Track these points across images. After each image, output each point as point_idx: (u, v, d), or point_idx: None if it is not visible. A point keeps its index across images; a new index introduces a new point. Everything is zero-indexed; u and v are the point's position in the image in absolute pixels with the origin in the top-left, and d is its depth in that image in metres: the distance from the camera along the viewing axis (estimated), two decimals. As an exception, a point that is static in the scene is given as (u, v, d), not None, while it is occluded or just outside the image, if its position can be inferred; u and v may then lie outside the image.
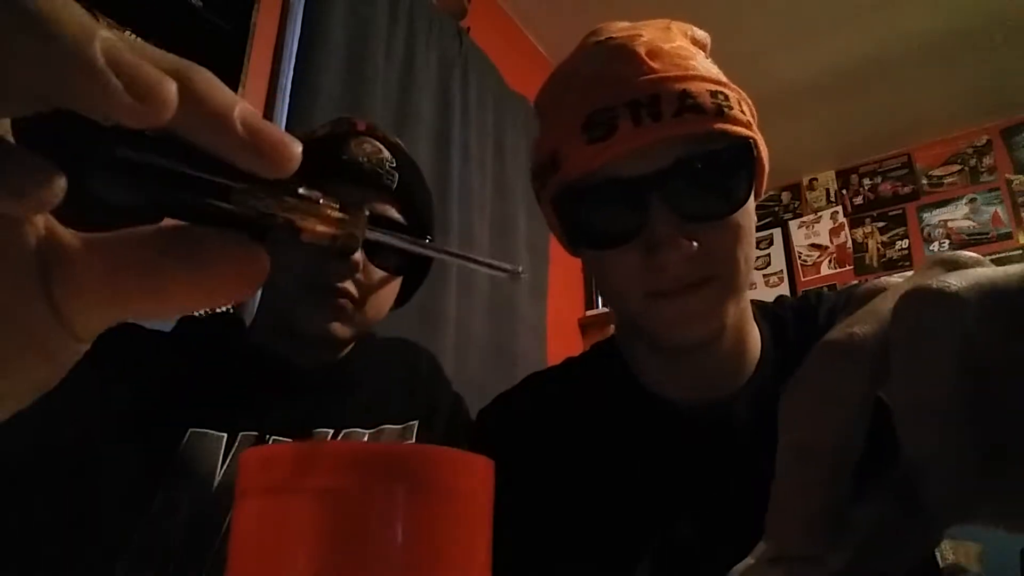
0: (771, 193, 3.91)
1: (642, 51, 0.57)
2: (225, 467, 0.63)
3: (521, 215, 2.53)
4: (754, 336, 0.66)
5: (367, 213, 0.24)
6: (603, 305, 2.96)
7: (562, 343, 2.69)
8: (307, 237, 0.23)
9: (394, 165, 0.70)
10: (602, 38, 0.61)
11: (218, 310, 1.51)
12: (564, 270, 2.85)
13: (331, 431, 0.70)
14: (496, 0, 2.80)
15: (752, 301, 0.69)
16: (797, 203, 3.78)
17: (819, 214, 3.66)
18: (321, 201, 0.23)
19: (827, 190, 3.69)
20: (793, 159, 3.62)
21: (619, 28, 0.62)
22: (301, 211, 0.22)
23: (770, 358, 0.65)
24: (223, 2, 1.49)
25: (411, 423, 0.77)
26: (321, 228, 0.23)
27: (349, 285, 0.67)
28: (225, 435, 0.64)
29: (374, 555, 0.17)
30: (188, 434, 0.62)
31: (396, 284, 0.74)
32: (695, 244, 0.54)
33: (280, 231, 0.23)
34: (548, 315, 2.57)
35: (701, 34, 0.66)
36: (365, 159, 0.68)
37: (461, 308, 2.10)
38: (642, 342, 0.65)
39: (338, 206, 0.23)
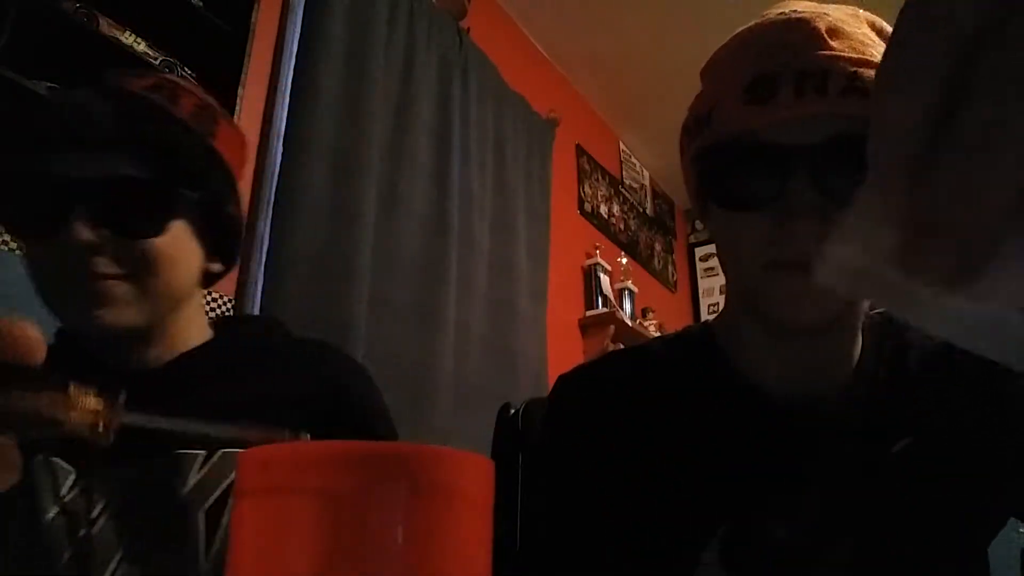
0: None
1: (822, 27, 0.58)
2: (67, 498, 0.58)
3: (521, 215, 2.53)
4: (859, 340, 0.66)
5: (122, 399, 0.26)
6: (605, 306, 2.96)
7: (562, 343, 2.69)
8: (68, 429, 0.25)
9: (109, 112, 0.61)
10: (785, 10, 0.61)
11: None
12: (564, 270, 2.85)
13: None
14: (496, 0, 2.80)
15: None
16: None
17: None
18: (71, 391, 0.25)
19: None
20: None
21: (805, 5, 0.62)
22: (58, 405, 0.24)
23: (869, 366, 0.65)
24: (223, 2, 1.49)
25: None
26: (76, 418, 0.25)
27: (103, 265, 0.58)
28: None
29: (374, 554, 0.17)
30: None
31: (185, 247, 0.65)
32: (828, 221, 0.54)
33: (39, 426, 0.24)
34: (548, 315, 2.57)
35: (890, 29, 0.66)
36: (72, 117, 0.60)
37: (461, 308, 2.10)
38: (750, 320, 0.65)
39: (93, 394, 0.25)
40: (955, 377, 0.62)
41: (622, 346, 2.82)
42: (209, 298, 1.54)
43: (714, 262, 4.04)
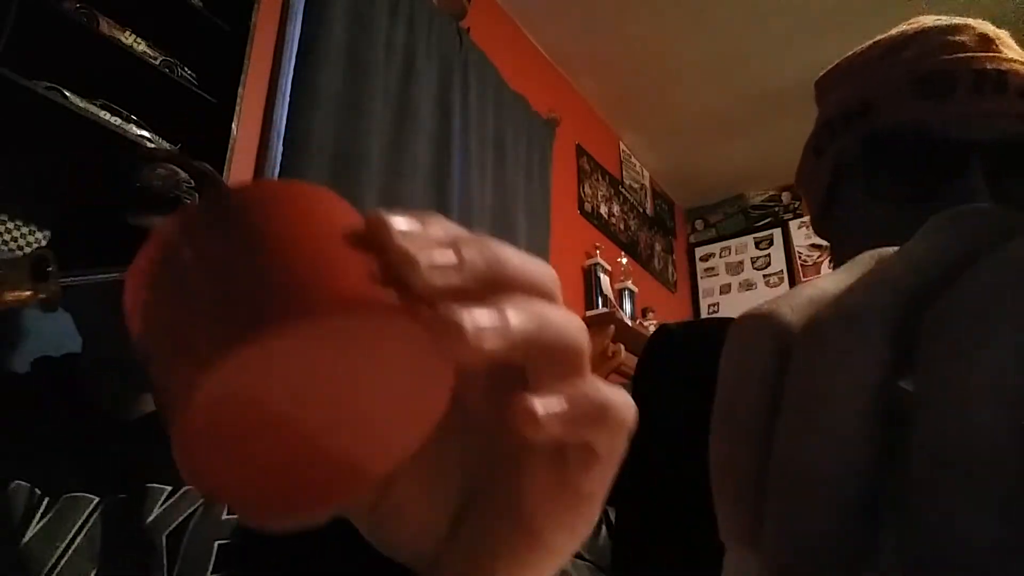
0: (771, 193, 3.91)
1: (990, 32, 0.59)
2: (40, 524, 0.59)
3: (521, 215, 2.53)
4: None
5: (53, 268, 0.26)
6: (605, 306, 2.97)
7: (562, 343, 2.69)
8: (6, 305, 0.25)
9: (192, 185, 0.70)
10: (950, 18, 0.62)
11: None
12: (564, 270, 2.85)
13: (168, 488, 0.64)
14: (496, 0, 2.80)
15: None
16: (797, 203, 3.78)
17: (819, 214, 3.67)
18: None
19: (827, 190, 3.70)
20: (793, 159, 3.61)
21: (940, 18, 0.63)
22: None
23: None
24: (223, 2, 1.49)
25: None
26: (13, 296, 0.25)
27: None
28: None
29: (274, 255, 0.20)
30: None
31: None
32: None
33: None
34: (548, 315, 2.57)
35: None
36: (159, 182, 0.68)
37: (461, 308, 2.10)
38: None
39: (25, 269, 0.26)
40: None
41: (622, 346, 2.81)
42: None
43: (714, 262, 4.04)
